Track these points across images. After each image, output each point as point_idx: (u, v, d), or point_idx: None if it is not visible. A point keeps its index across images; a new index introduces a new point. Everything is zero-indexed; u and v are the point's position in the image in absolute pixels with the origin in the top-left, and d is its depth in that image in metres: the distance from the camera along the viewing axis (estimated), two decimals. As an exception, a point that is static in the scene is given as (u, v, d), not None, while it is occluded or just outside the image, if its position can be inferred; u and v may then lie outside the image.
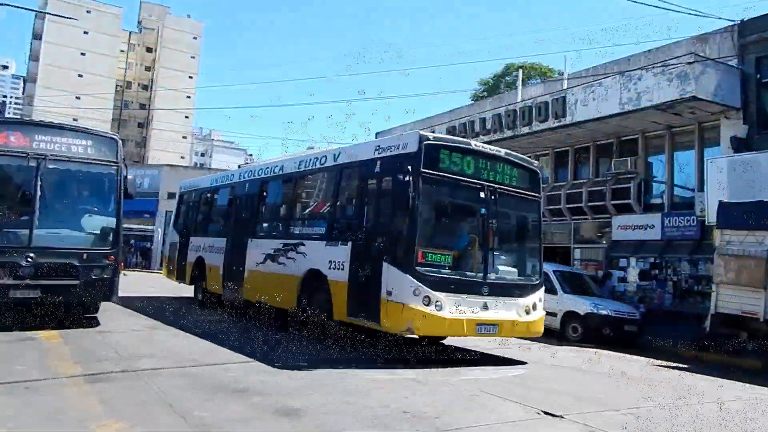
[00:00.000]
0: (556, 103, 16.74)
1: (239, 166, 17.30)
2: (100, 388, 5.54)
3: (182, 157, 76.10)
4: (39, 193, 8.66)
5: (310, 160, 10.43)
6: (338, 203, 9.46)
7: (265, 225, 11.82)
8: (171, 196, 37.47)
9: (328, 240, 9.09)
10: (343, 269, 8.49)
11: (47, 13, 50.73)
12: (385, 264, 7.75)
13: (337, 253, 8.71)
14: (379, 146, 8.64)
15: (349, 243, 8.53)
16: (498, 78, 42.64)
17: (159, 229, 37.22)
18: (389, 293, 7.60)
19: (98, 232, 9.14)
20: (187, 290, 15.08)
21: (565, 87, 17.91)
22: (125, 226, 10.95)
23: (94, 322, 9.63)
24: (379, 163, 8.45)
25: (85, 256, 8.77)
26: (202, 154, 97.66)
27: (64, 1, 63.71)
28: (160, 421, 4.66)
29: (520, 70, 24.67)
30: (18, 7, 22.64)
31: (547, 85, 24.04)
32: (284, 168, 11.21)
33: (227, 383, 6.02)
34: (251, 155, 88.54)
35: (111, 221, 9.24)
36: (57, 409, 4.83)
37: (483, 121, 19.02)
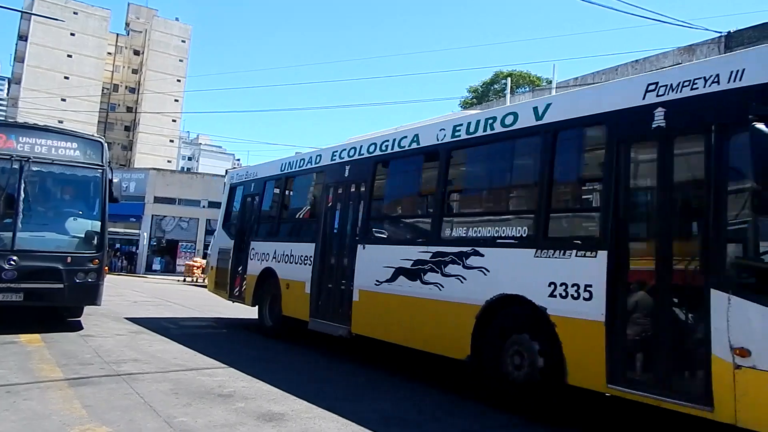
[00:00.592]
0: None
1: (226, 171, 16.90)
2: (84, 392, 5.46)
3: (169, 161, 75.66)
4: (22, 195, 8.59)
5: (477, 123, 6.70)
6: (555, 186, 5.82)
7: (388, 224, 8.26)
8: (157, 200, 37.54)
9: (541, 247, 5.54)
10: (588, 298, 5.03)
11: (33, 14, 50.39)
12: (718, 295, 4.27)
13: (570, 269, 5.24)
14: (656, 83, 5.07)
15: (600, 253, 5.03)
16: (487, 85, 42.94)
17: (144, 233, 37.00)
18: (743, 352, 4.09)
19: (82, 235, 9.06)
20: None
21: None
22: (110, 229, 10.81)
23: (77, 326, 9.51)
24: (663, 112, 4.92)
25: (69, 259, 8.68)
26: (189, 158, 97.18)
27: (51, 2, 63.26)
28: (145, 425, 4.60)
29: (509, 79, 24.85)
30: (3, 7, 22.43)
31: (535, 93, 24.24)
32: (421, 139, 7.53)
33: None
34: (239, 160, 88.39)
35: (96, 225, 9.17)
36: (40, 413, 4.76)
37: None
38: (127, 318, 11.32)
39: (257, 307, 10.64)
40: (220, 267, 12.31)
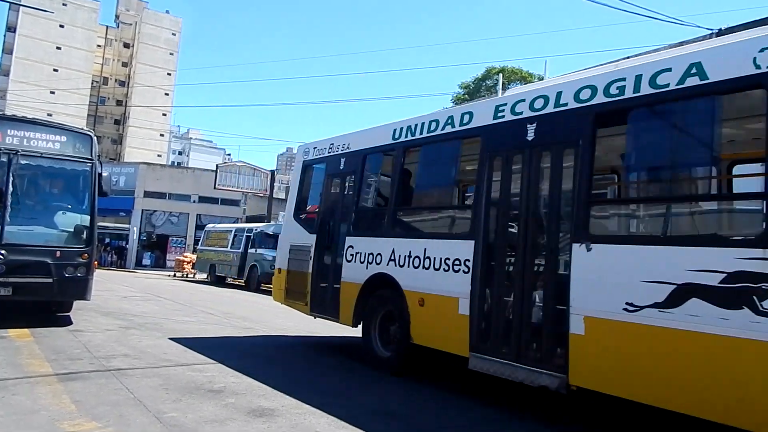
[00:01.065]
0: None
1: (218, 165, 16.62)
2: (73, 387, 5.44)
3: (159, 155, 75.29)
4: (10, 188, 8.50)
5: None
6: None
7: (643, 210, 5.56)
8: (147, 194, 37.35)
9: None
10: None
11: (22, 5, 49.79)
12: None
13: None
14: None
15: None
16: (479, 81, 42.96)
17: (134, 228, 36.82)
18: None
19: (72, 229, 8.99)
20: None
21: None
22: (100, 224, 10.71)
23: (66, 321, 9.45)
24: None
25: (58, 253, 8.62)
26: (180, 153, 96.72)
27: (40, -6, 62.62)
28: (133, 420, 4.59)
29: (501, 74, 24.88)
30: (-9, -2, 22.16)
31: (526, 89, 24.25)
32: (708, 70, 4.48)
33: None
34: (229, 155, 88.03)
35: (85, 219, 9.11)
36: (29, 408, 4.73)
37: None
38: (116, 313, 11.26)
39: (361, 328, 7.78)
40: (293, 270, 9.16)
